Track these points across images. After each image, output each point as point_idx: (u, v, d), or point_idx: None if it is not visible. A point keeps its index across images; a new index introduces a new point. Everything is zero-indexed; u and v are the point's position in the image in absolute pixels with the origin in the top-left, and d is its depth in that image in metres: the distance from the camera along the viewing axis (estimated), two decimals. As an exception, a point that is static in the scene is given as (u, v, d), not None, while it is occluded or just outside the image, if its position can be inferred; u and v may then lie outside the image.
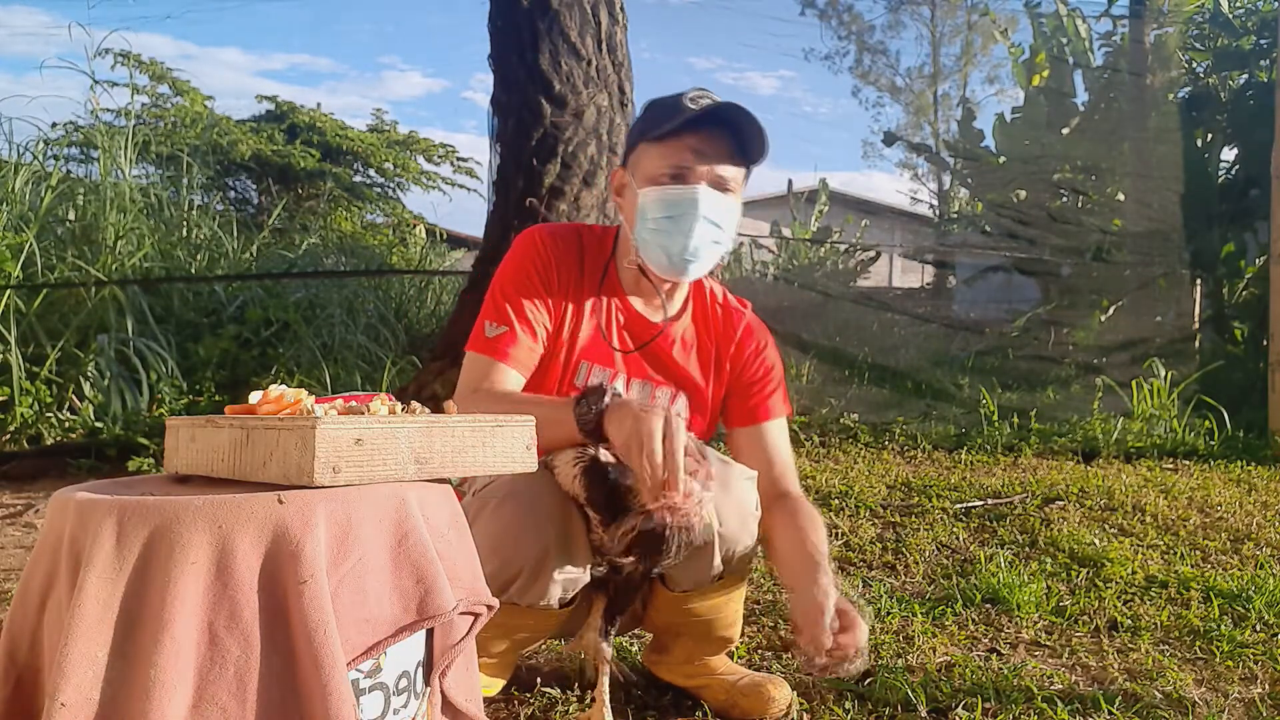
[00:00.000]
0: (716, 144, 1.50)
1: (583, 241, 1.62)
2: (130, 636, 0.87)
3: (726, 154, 1.51)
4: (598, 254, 1.61)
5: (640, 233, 1.53)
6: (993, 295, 8.84)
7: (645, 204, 1.51)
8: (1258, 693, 1.74)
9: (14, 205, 4.65)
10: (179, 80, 9.62)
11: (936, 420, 4.97)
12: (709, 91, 1.54)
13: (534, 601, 1.42)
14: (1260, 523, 3.03)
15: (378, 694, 1.01)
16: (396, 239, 9.11)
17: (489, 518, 1.39)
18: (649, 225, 1.52)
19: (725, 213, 1.53)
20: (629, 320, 1.60)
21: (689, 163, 1.49)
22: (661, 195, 1.50)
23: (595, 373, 1.57)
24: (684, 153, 1.49)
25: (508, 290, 1.54)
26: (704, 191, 1.49)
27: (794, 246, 9.94)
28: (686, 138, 1.49)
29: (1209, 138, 7.07)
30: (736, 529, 1.49)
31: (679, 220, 1.49)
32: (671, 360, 1.62)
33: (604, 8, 3.79)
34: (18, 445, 3.78)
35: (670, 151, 1.50)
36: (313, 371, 4.55)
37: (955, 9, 18.86)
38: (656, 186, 1.50)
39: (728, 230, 1.55)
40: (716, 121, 1.49)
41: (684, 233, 1.50)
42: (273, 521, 0.92)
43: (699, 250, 1.52)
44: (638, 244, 1.55)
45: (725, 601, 1.59)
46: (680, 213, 1.49)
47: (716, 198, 1.51)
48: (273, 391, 1.11)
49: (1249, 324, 6.37)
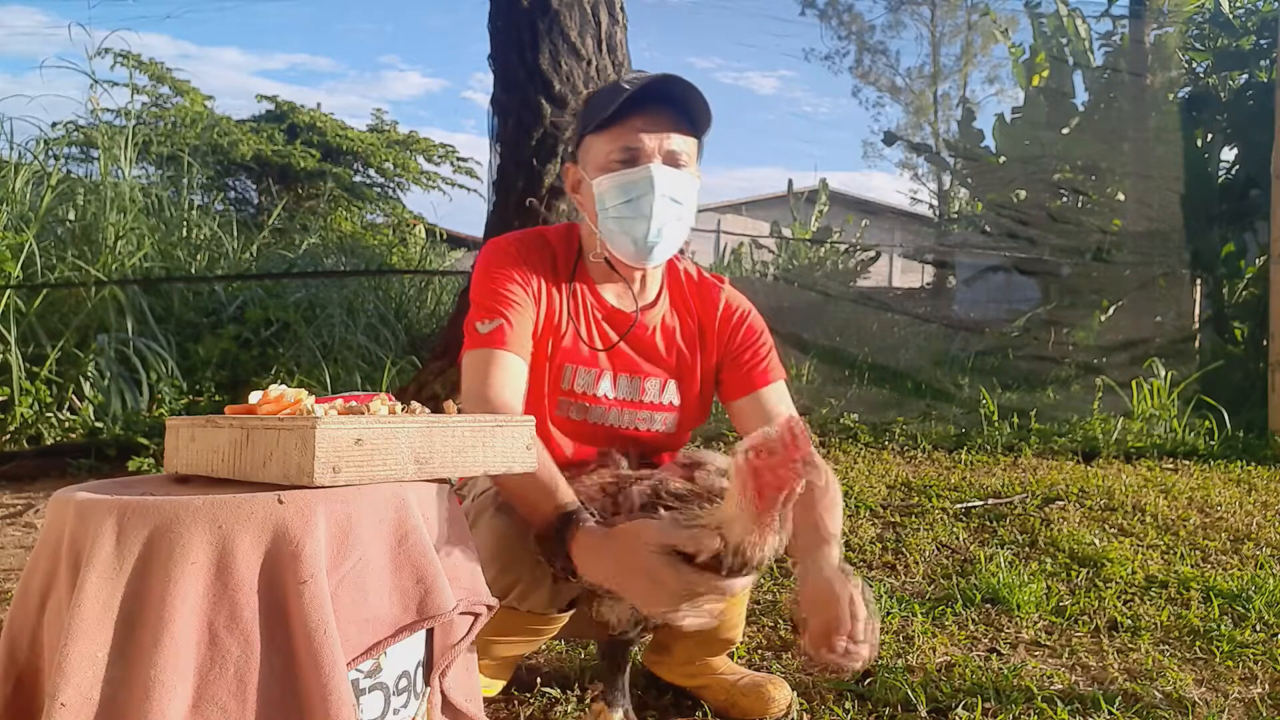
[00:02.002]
0: (662, 119, 1.46)
1: (548, 243, 1.58)
2: (130, 636, 0.87)
3: (673, 126, 1.47)
4: (566, 253, 1.58)
5: (603, 223, 1.50)
6: (993, 295, 8.85)
7: (601, 193, 1.48)
8: (1258, 693, 1.74)
9: (14, 205, 4.65)
10: (179, 80, 9.63)
11: (936, 420, 4.97)
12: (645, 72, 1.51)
13: (534, 607, 1.42)
14: (1260, 523, 3.03)
15: (378, 694, 1.01)
16: (396, 239, 9.11)
17: (487, 524, 1.38)
18: (609, 214, 1.48)
19: (683, 188, 1.49)
20: (607, 315, 1.57)
21: (637, 142, 1.45)
22: (616, 181, 1.47)
23: (580, 375, 1.53)
24: (630, 133, 1.46)
25: (490, 290, 1.50)
26: (658, 169, 1.45)
27: (794, 246, 9.94)
28: (630, 119, 1.45)
29: (1209, 138, 7.06)
30: None
31: (638, 203, 1.46)
32: (654, 348, 1.59)
33: (604, 8, 3.78)
34: (18, 445, 3.78)
35: (617, 135, 1.46)
36: (313, 371, 4.55)
37: (955, 9, 18.86)
38: (609, 173, 1.47)
39: (688, 206, 1.52)
40: (658, 97, 1.46)
41: (645, 215, 1.46)
42: (273, 521, 0.92)
43: (663, 230, 1.49)
44: (602, 235, 1.51)
45: (730, 604, 1.58)
46: (638, 195, 1.46)
47: (672, 174, 1.47)
48: (273, 391, 1.11)
49: (1249, 324, 6.36)
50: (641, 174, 1.46)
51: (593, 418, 1.55)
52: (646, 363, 1.58)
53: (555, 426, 1.53)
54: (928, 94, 20.81)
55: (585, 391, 1.54)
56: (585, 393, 1.54)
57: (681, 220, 1.52)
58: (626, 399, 1.56)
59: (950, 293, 9.88)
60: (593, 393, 1.54)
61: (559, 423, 1.54)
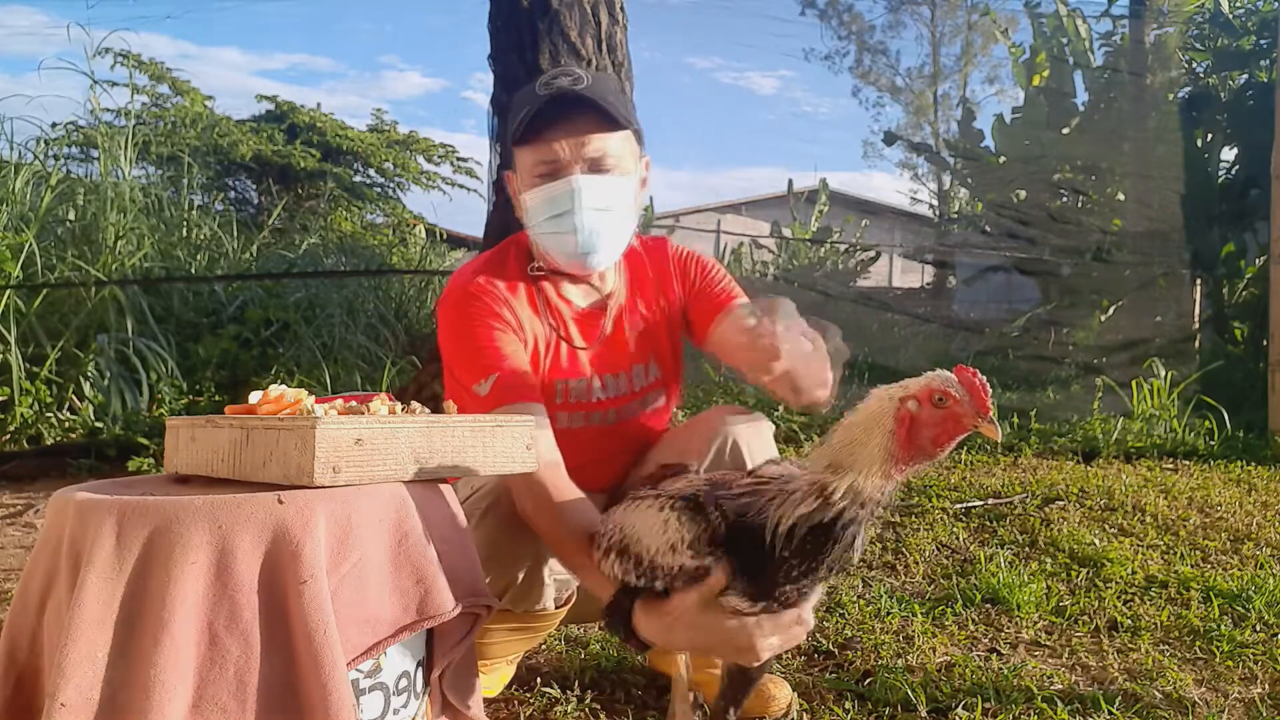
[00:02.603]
0: (577, 124, 1.41)
1: (508, 262, 1.55)
2: (130, 636, 0.87)
3: (591, 128, 1.42)
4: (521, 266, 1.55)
5: (536, 236, 1.48)
6: (993, 295, 8.84)
7: (530, 207, 1.46)
8: (1258, 693, 1.74)
9: (14, 205, 4.65)
10: (179, 80, 9.62)
11: (936, 420, 4.96)
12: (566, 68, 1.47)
13: (530, 607, 1.42)
14: (1260, 523, 3.03)
15: (378, 694, 1.01)
16: (396, 239, 9.11)
17: (476, 528, 1.37)
18: (540, 228, 1.47)
19: (610, 193, 1.45)
20: (577, 318, 1.55)
21: (554, 155, 1.42)
22: (540, 196, 1.44)
23: (573, 385, 1.53)
24: (546, 146, 1.42)
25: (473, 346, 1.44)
26: (581, 180, 1.42)
27: (794, 246, 9.94)
28: (546, 130, 1.41)
29: (1209, 138, 7.06)
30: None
31: (563, 218, 1.43)
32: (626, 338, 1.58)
33: (604, 8, 3.78)
34: (18, 445, 3.78)
35: (536, 148, 1.43)
36: (313, 371, 4.55)
37: (955, 9, 18.87)
38: (533, 188, 1.44)
39: (620, 208, 1.48)
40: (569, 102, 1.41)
41: (571, 229, 1.44)
42: (273, 521, 0.92)
43: (594, 240, 1.46)
44: (539, 247, 1.50)
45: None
46: (563, 209, 1.43)
47: (595, 182, 1.43)
48: (273, 392, 1.11)
49: (1249, 324, 6.36)
50: (563, 187, 1.43)
51: (593, 422, 1.55)
52: (625, 354, 1.58)
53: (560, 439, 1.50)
54: (928, 94, 20.83)
55: (580, 400, 1.54)
56: (580, 401, 1.54)
57: (615, 223, 1.48)
58: (618, 395, 1.57)
59: (950, 293, 9.87)
60: (587, 399, 1.54)
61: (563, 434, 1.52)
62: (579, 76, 1.44)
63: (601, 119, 1.43)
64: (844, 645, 1.94)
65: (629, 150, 1.50)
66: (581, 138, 1.42)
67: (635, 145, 1.52)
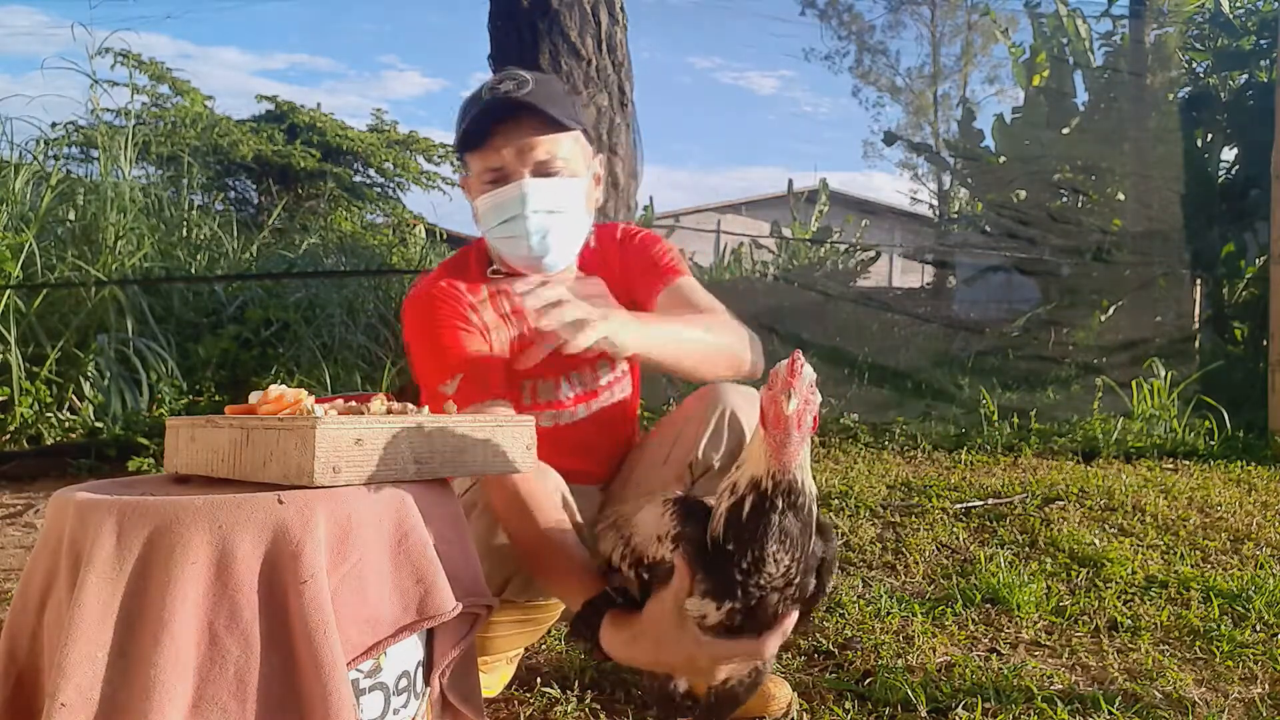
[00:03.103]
0: (521, 127, 1.41)
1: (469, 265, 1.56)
2: (130, 636, 0.87)
3: (535, 131, 1.42)
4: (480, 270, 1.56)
5: (490, 241, 1.50)
6: (993, 295, 8.83)
7: (482, 212, 1.47)
8: (1258, 693, 1.74)
9: (14, 205, 4.65)
10: (179, 80, 9.63)
11: (936, 420, 4.97)
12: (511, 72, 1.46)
13: (533, 597, 1.42)
14: (1260, 523, 3.03)
15: (378, 694, 1.01)
16: (396, 239, 9.11)
17: (480, 516, 1.38)
18: (493, 233, 1.48)
19: (560, 194, 1.45)
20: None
21: (500, 160, 1.43)
22: (489, 202, 1.45)
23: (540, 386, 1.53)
24: (492, 152, 1.43)
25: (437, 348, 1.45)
26: (529, 184, 1.42)
27: (794, 246, 9.94)
28: (491, 137, 1.42)
29: (1209, 138, 7.06)
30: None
31: (513, 223, 1.44)
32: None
33: (604, 8, 3.78)
34: (18, 445, 3.78)
35: (482, 155, 1.44)
36: (313, 371, 4.55)
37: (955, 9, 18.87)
38: (482, 194, 1.46)
39: (571, 209, 1.48)
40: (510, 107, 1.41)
41: (522, 233, 1.45)
42: (273, 521, 0.92)
43: (546, 242, 1.46)
44: (494, 250, 1.51)
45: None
46: (512, 214, 1.44)
47: (543, 185, 1.43)
48: (272, 392, 1.11)
49: (1249, 324, 6.36)
50: (511, 192, 1.43)
51: (563, 420, 1.56)
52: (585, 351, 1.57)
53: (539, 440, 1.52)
54: (928, 94, 20.84)
55: (549, 399, 1.54)
56: (549, 400, 1.55)
57: (567, 224, 1.49)
58: (584, 392, 1.57)
59: (950, 293, 9.86)
60: (555, 398, 1.55)
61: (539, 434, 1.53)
62: (523, 80, 1.43)
63: (545, 122, 1.43)
64: (844, 645, 1.94)
65: (579, 151, 1.50)
66: (526, 141, 1.42)
67: (586, 145, 1.53)
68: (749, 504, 1.00)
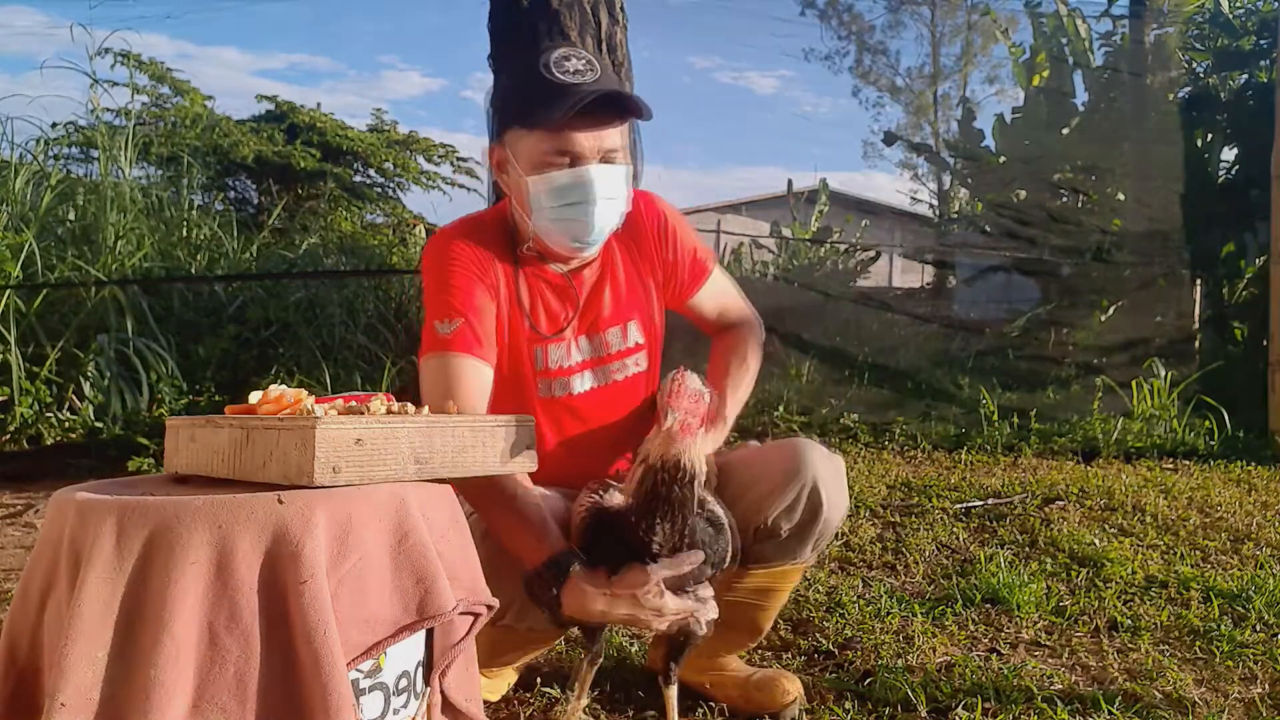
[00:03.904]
0: (599, 116, 1.41)
1: (488, 227, 1.55)
2: (130, 636, 0.87)
3: (607, 122, 1.42)
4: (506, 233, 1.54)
5: (537, 221, 1.46)
6: (993, 295, 8.82)
7: (538, 193, 1.43)
8: (1258, 693, 1.74)
9: (14, 205, 4.66)
10: (179, 80, 9.62)
11: (936, 420, 4.97)
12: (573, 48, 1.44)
13: (533, 624, 1.42)
14: (1260, 523, 3.03)
15: (378, 694, 1.01)
16: (396, 239, 9.10)
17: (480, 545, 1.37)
18: (546, 215, 1.44)
19: (619, 182, 1.46)
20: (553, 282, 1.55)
21: (575, 146, 1.40)
22: (553, 183, 1.42)
23: (552, 351, 1.53)
24: (567, 137, 1.40)
25: (448, 288, 1.45)
26: (596, 171, 1.42)
27: (794, 246, 9.94)
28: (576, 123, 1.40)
29: (1209, 138, 7.06)
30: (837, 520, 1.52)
31: (577, 207, 1.43)
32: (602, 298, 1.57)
33: (604, 8, 3.78)
34: (18, 445, 3.78)
35: (555, 136, 1.40)
36: (313, 371, 4.55)
37: (955, 9, 18.86)
38: (544, 173, 1.42)
39: (621, 195, 1.48)
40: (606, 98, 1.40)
41: (584, 216, 1.43)
42: (273, 521, 0.92)
43: (603, 229, 1.47)
44: (536, 231, 1.47)
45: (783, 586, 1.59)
46: (578, 199, 1.42)
47: (607, 171, 1.43)
48: (272, 391, 1.11)
49: (1249, 324, 6.36)
50: (581, 177, 1.42)
51: (574, 389, 1.56)
52: (601, 316, 1.57)
53: (543, 410, 1.53)
54: (928, 94, 20.82)
55: (561, 365, 1.54)
56: (561, 367, 1.54)
57: (619, 210, 1.49)
58: (592, 358, 1.56)
59: (950, 293, 9.85)
60: (568, 364, 1.54)
61: (545, 404, 1.53)
62: (590, 61, 1.42)
63: (619, 112, 1.43)
64: (844, 645, 1.94)
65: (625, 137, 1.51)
66: (607, 131, 1.43)
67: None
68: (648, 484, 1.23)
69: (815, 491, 1.45)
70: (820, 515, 1.46)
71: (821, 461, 1.47)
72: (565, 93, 1.38)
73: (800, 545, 1.50)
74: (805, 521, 1.46)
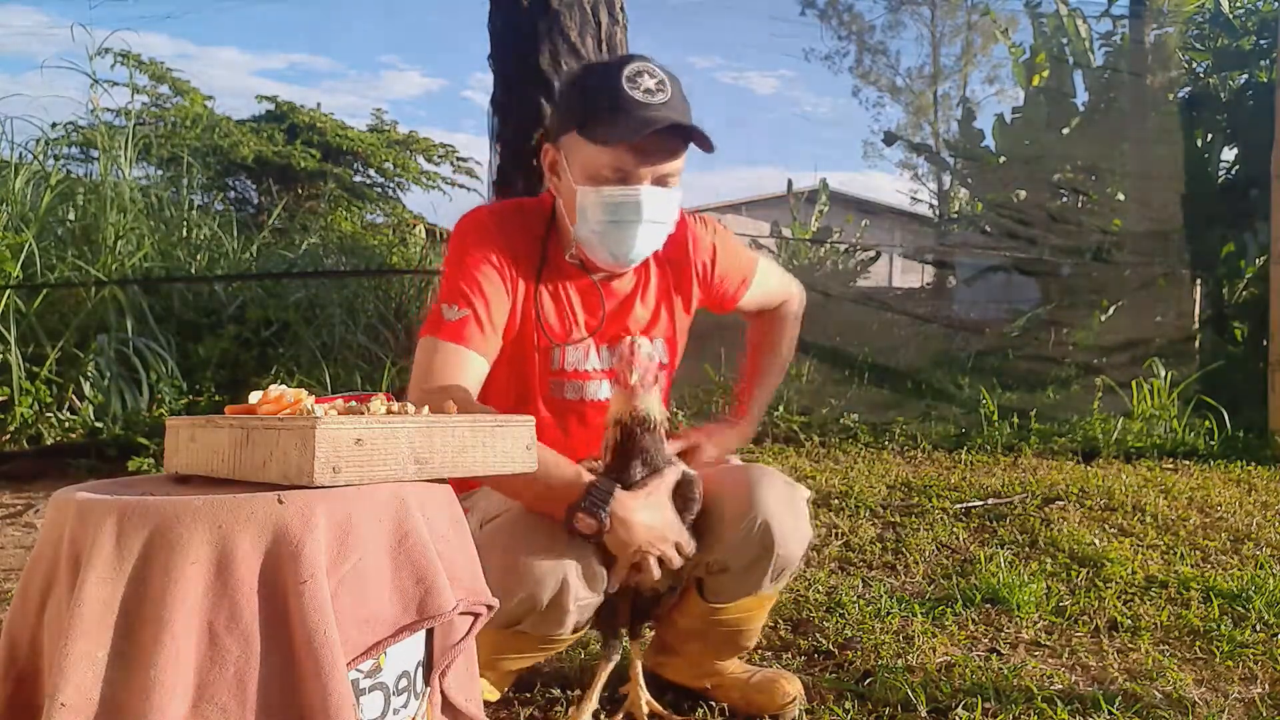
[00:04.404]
0: (664, 145, 1.41)
1: (526, 217, 1.55)
2: (130, 636, 0.87)
3: (670, 152, 1.43)
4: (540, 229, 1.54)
5: (581, 231, 1.46)
6: (993, 295, 8.83)
7: (585, 205, 1.43)
8: (1258, 693, 1.74)
9: (14, 205, 4.65)
10: (179, 80, 9.62)
11: (936, 420, 4.97)
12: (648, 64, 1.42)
13: (549, 632, 1.42)
14: (1260, 523, 3.03)
15: (378, 694, 1.01)
16: (396, 239, 9.10)
17: (503, 552, 1.34)
18: (590, 226, 1.44)
19: (667, 207, 1.46)
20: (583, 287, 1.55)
21: (632, 167, 1.40)
22: (603, 198, 1.41)
23: (570, 353, 1.53)
24: (626, 156, 1.39)
25: (464, 271, 1.45)
26: (647, 193, 1.41)
27: (794, 246, 9.94)
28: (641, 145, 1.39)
29: (1209, 138, 7.06)
30: (796, 552, 1.49)
31: (622, 225, 1.43)
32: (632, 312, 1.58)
33: (604, 8, 3.78)
34: (18, 445, 3.78)
35: (614, 153, 1.39)
36: (313, 371, 4.55)
37: (955, 9, 18.87)
38: (596, 187, 1.41)
39: (669, 219, 1.49)
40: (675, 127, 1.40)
41: (628, 236, 1.43)
42: (273, 521, 0.91)
43: (645, 249, 1.48)
44: (579, 240, 1.48)
45: (755, 615, 1.59)
46: (623, 217, 1.42)
47: (659, 195, 1.43)
48: (272, 391, 1.11)
49: (1249, 324, 6.36)
50: (631, 197, 1.41)
51: (588, 394, 1.55)
52: (626, 329, 1.57)
53: (549, 410, 1.53)
54: (928, 94, 20.84)
55: (577, 368, 1.53)
56: (577, 369, 1.53)
57: (664, 233, 1.50)
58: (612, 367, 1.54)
59: (950, 293, 9.86)
60: (584, 368, 1.54)
61: (554, 405, 1.54)
62: (663, 81, 1.41)
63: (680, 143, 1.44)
64: (844, 645, 1.94)
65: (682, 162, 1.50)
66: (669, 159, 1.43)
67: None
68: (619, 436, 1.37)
69: (765, 528, 1.42)
70: (772, 552, 1.43)
71: (772, 497, 1.43)
72: (635, 113, 1.37)
73: (756, 580, 1.48)
74: (756, 558, 1.44)
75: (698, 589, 1.53)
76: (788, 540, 1.44)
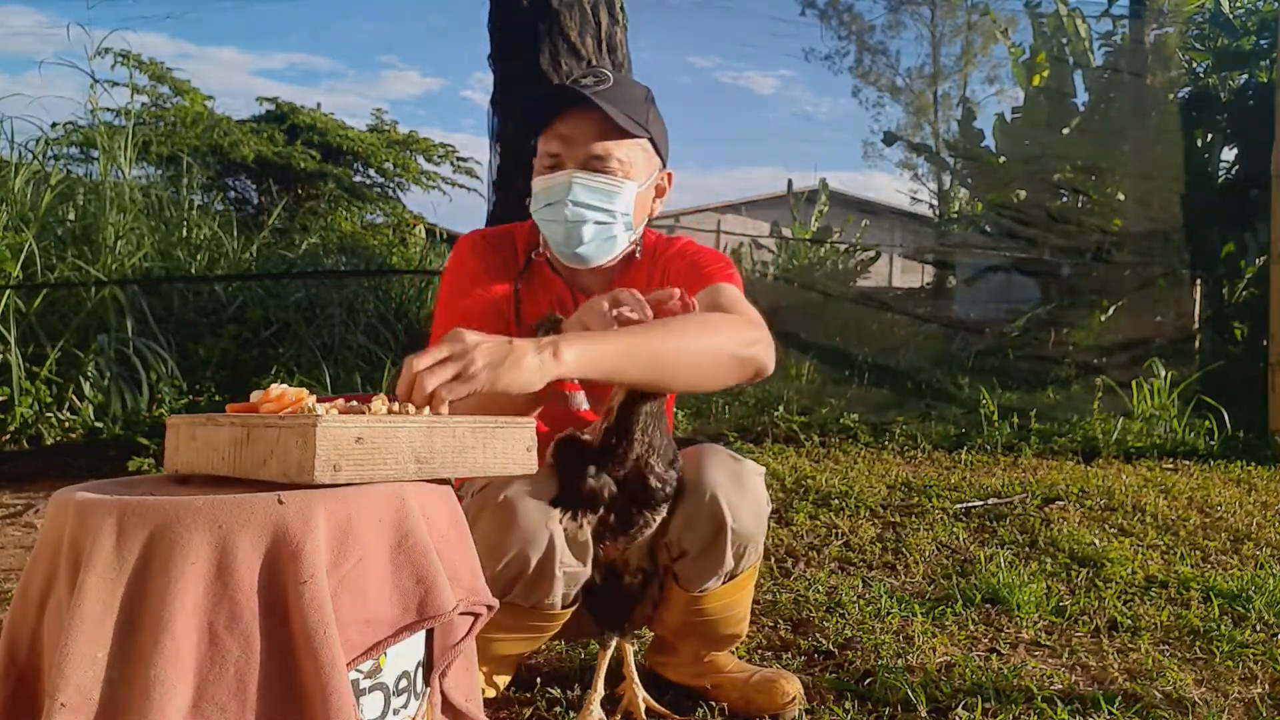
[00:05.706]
0: (586, 123, 1.45)
1: (514, 239, 1.62)
2: (130, 636, 0.87)
3: (598, 133, 1.45)
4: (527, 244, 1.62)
5: (537, 222, 1.54)
6: (993, 295, 8.84)
7: (534, 194, 1.52)
8: (1258, 693, 1.74)
9: (14, 205, 4.65)
10: (179, 80, 9.62)
11: (936, 420, 4.98)
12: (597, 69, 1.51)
13: (538, 601, 1.42)
14: (1260, 523, 3.03)
15: (378, 694, 1.01)
16: (396, 239, 9.10)
17: (491, 517, 1.38)
18: (539, 216, 1.52)
19: (604, 194, 1.47)
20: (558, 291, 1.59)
21: (559, 148, 1.47)
22: (539, 185, 1.50)
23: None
24: (554, 139, 1.48)
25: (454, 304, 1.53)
26: (575, 177, 1.46)
27: (794, 246, 9.95)
28: (556, 124, 1.47)
29: (1209, 138, 7.07)
30: (751, 525, 1.47)
31: (555, 208, 1.48)
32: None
33: (604, 8, 3.78)
34: (18, 445, 3.78)
35: (546, 138, 1.49)
36: (313, 371, 4.55)
37: (955, 9, 18.86)
38: (537, 175, 1.51)
39: (617, 211, 1.49)
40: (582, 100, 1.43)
41: (560, 220, 1.48)
42: (273, 521, 0.91)
43: (582, 235, 1.49)
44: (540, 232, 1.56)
45: (737, 599, 1.59)
46: (555, 200, 1.48)
47: (590, 180, 1.46)
48: (274, 390, 1.11)
49: (1249, 324, 6.37)
50: (558, 180, 1.48)
51: (574, 405, 1.58)
52: None
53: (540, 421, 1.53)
54: (928, 94, 20.83)
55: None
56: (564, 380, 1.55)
57: (609, 225, 1.50)
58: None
59: (950, 293, 9.87)
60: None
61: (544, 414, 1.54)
62: (604, 77, 1.48)
63: (609, 124, 1.45)
64: (844, 645, 1.94)
65: (642, 158, 1.52)
66: (584, 135, 1.46)
67: (653, 155, 1.55)
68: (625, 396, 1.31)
69: (714, 503, 1.41)
70: (725, 527, 1.42)
71: (718, 473, 1.43)
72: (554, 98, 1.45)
73: (718, 558, 1.46)
74: (712, 535, 1.43)
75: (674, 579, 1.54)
76: (738, 513, 1.43)
